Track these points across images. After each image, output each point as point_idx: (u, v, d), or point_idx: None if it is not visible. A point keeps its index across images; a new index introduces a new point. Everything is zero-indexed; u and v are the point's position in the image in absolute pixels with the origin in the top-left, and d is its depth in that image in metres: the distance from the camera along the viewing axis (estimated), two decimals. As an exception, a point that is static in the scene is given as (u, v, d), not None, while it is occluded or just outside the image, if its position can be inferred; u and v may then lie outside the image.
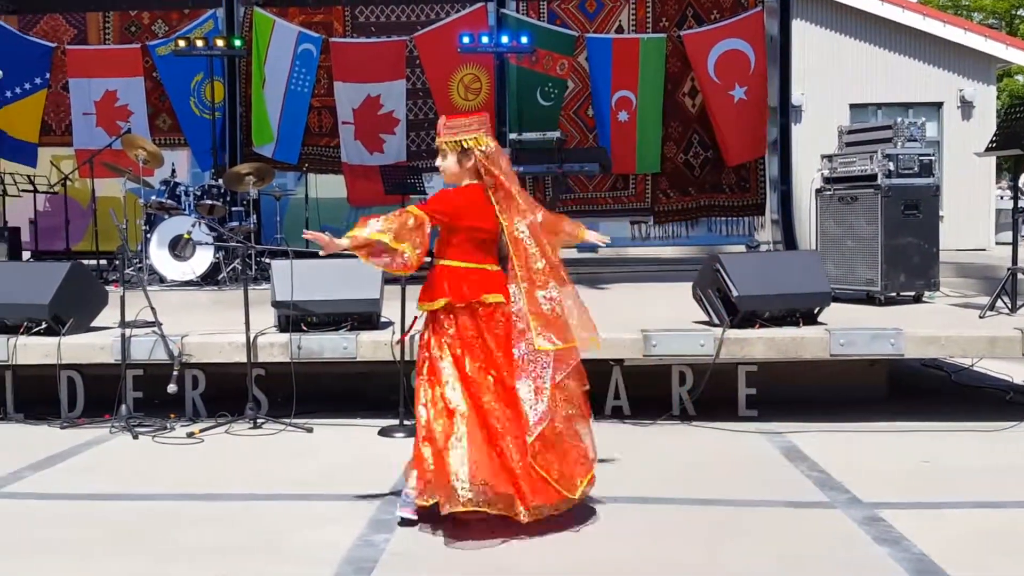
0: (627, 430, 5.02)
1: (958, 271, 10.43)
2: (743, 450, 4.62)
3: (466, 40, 9.02)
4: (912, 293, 6.40)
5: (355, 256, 3.41)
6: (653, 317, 5.69)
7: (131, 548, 3.29)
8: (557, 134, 8.21)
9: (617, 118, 9.64)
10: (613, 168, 9.49)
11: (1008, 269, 5.72)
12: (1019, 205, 5.70)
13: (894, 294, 6.32)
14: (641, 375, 5.33)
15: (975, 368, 6.49)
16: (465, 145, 3.43)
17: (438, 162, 3.54)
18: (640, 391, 5.33)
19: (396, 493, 3.66)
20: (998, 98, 18.23)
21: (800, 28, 13.09)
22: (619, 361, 5.24)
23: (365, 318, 5.38)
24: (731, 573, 3.05)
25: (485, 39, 9.12)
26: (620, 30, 9.79)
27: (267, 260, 8.06)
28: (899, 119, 6.45)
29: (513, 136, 8.29)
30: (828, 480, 4.04)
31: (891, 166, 6.23)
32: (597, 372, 5.24)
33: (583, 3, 9.79)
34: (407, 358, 4.92)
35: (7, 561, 3.18)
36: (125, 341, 5.10)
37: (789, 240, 9.82)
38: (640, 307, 6.58)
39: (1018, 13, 27.49)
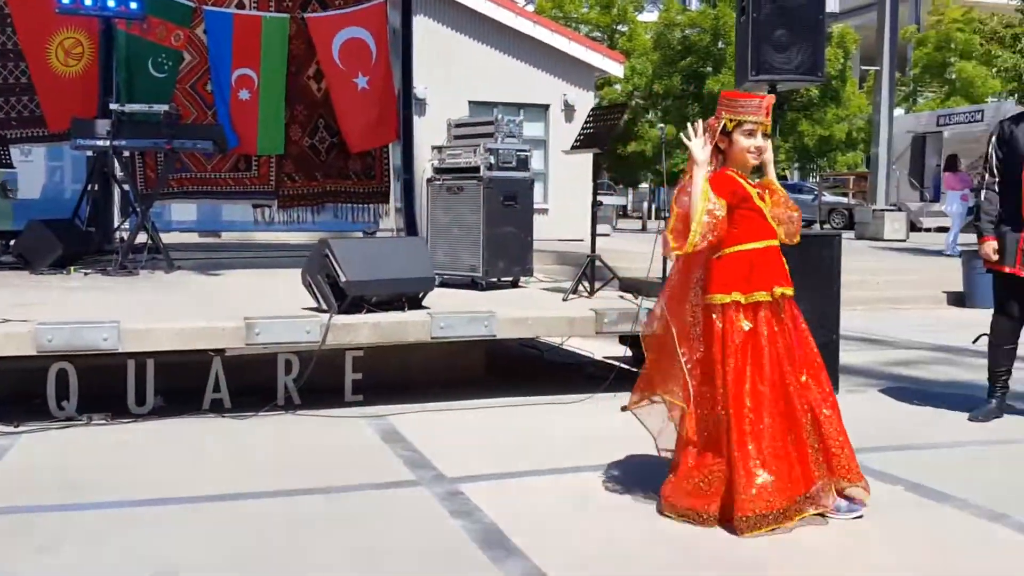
0: (225, 424, 4.84)
1: (558, 259, 11.42)
2: (342, 436, 4.66)
3: (65, 0, 8.20)
4: (510, 278, 6.87)
5: None
6: (264, 304, 5.57)
7: None
8: (165, 107, 7.74)
9: (238, 96, 9.28)
10: (234, 148, 9.17)
11: (587, 256, 6.34)
12: (597, 199, 6.33)
13: (495, 279, 6.74)
14: (245, 365, 5.19)
15: (566, 347, 7.13)
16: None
17: (762, 142, 3.42)
18: (245, 381, 5.19)
19: None
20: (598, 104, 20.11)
21: (423, 23, 13.52)
22: (220, 351, 5.05)
23: None
24: (295, 565, 3.06)
25: (88, 1, 8.36)
26: (241, 6, 9.43)
27: None
28: (499, 115, 6.87)
29: (115, 107, 7.69)
30: (419, 459, 4.21)
31: (492, 159, 6.62)
32: (195, 364, 5.06)
33: (201, -27, 9.31)
34: None
35: None
36: None
37: (411, 228, 10.08)
38: (253, 294, 6.42)
39: (618, 28, 30.50)
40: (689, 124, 3.48)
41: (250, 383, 5.16)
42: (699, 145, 3.36)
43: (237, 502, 3.61)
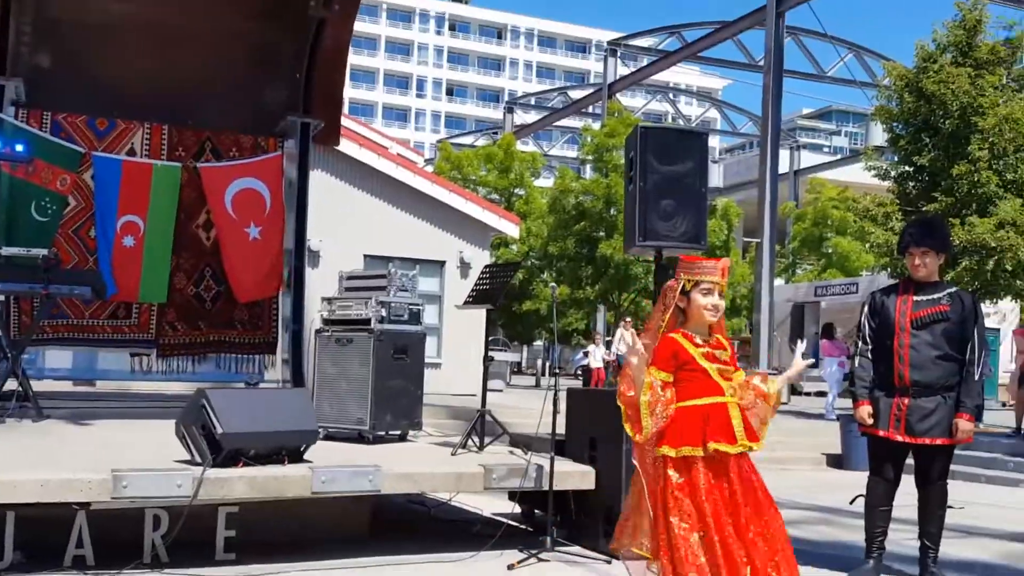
0: (85, 584, 4.52)
1: (450, 413, 11.30)
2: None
3: (-50, 141, 8.04)
4: (398, 432, 6.73)
5: None
6: (134, 456, 5.31)
7: None
8: (44, 252, 7.53)
9: (122, 243, 9.09)
10: (115, 295, 8.91)
11: (477, 411, 6.28)
12: (488, 354, 6.34)
13: (382, 433, 6.59)
14: (111, 520, 4.89)
15: (454, 503, 6.94)
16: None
17: (719, 301, 3.53)
18: (109, 537, 4.87)
19: None
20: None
21: (321, 178, 13.71)
22: (85, 505, 4.76)
23: None
24: None
25: (-27, 142, 8.22)
26: (132, 153, 9.36)
27: None
28: (392, 269, 6.90)
29: (-8, 250, 7.43)
30: (291, 623, 3.97)
31: (384, 312, 6.60)
32: (58, 518, 4.74)
33: (93, 120, 9.25)
34: None
35: None
36: None
37: (298, 380, 9.84)
38: (124, 445, 6.10)
39: (515, 191, 31.57)
40: (625, 331, 3.70)
41: (116, 538, 4.84)
42: (630, 351, 3.56)
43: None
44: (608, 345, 22.97)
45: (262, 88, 9.78)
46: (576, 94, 39.90)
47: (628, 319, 23.00)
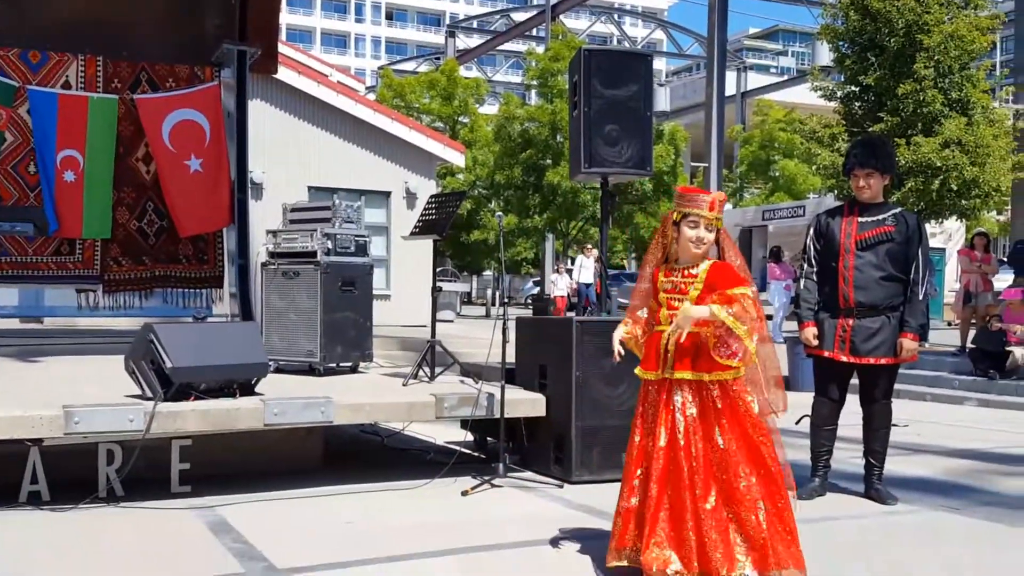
0: (43, 518, 4.54)
1: (401, 344, 11.36)
2: (167, 528, 4.42)
3: None
4: (349, 364, 6.76)
5: None
6: (86, 392, 5.28)
7: None
8: (-18, 189, 7.35)
9: (63, 178, 8.88)
10: (58, 232, 8.75)
11: (427, 341, 6.33)
12: (437, 285, 6.36)
13: (333, 365, 6.62)
14: (64, 456, 4.90)
15: (407, 432, 7.04)
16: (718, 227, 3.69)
17: (703, 233, 3.61)
18: (64, 473, 4.89)
19: None
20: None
21: (260, 108, 13.44)
22: (37, 441, 4.76)
23: None
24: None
25: (-97, 78, 7.92)
26: (67, 86, 9.09)
27: None
28: (337, 201, 6.85)
29: (-74, 188, 7.22)
30: (249, 551, 4.03)
31: (329, 244, 6.57)
32: (10, 455, 4.74)
33: (25, 53, 8.94)
34: None
35: None
36: None
37: (247, 313, 9.76)
38: (73, 382, 6.06)
39: (460, 119, 31.26)
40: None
41: (71, 474, 4.86)
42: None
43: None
44: (570, 274, 23.12)
45: (196, 15, 9.49)
46: (519, 16, 39.37)
47: (589, 245, 23.07)
